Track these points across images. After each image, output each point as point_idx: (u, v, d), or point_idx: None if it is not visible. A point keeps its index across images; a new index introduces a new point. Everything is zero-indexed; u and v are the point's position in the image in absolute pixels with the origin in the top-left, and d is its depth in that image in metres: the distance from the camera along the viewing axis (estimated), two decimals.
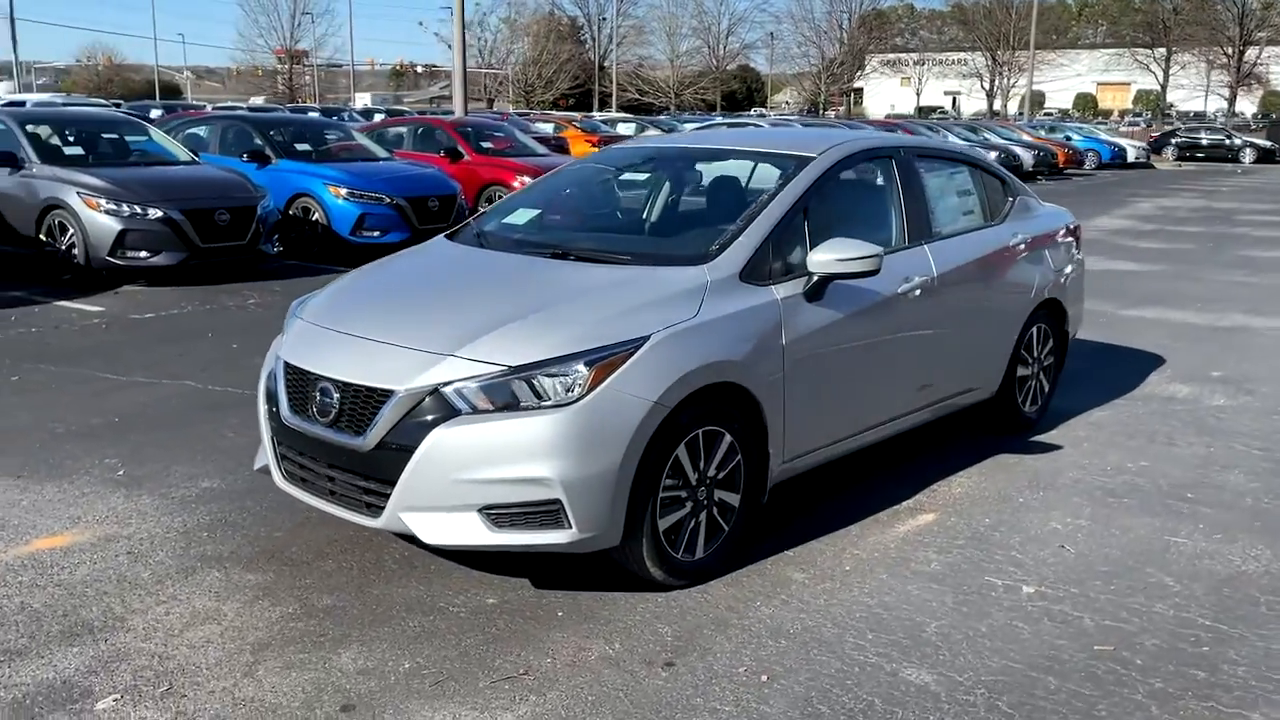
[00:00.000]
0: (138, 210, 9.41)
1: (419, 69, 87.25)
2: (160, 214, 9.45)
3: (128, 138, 11.02)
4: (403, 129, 15.13)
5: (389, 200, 11.35)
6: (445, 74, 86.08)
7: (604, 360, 3.46)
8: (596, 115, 39.70)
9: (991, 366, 5.35)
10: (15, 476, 4.78)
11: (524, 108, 60.85)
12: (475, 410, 3.41)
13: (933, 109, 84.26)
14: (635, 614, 3.60)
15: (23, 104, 25.53)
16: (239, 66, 75.47)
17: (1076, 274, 6.08)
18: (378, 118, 25.24)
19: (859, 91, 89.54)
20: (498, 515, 3.42)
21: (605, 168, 5.27)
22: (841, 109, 76.49)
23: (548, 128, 24.09)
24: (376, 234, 11.20)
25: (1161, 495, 4.85)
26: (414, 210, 11.50)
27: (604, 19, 66.51)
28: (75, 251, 9.49)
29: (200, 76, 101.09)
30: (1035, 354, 5.72)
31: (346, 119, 26.01)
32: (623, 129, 23.44)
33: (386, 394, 3.49)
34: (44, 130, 10.38)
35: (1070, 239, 6.08)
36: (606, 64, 74.86)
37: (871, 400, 4.56)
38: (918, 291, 4.66)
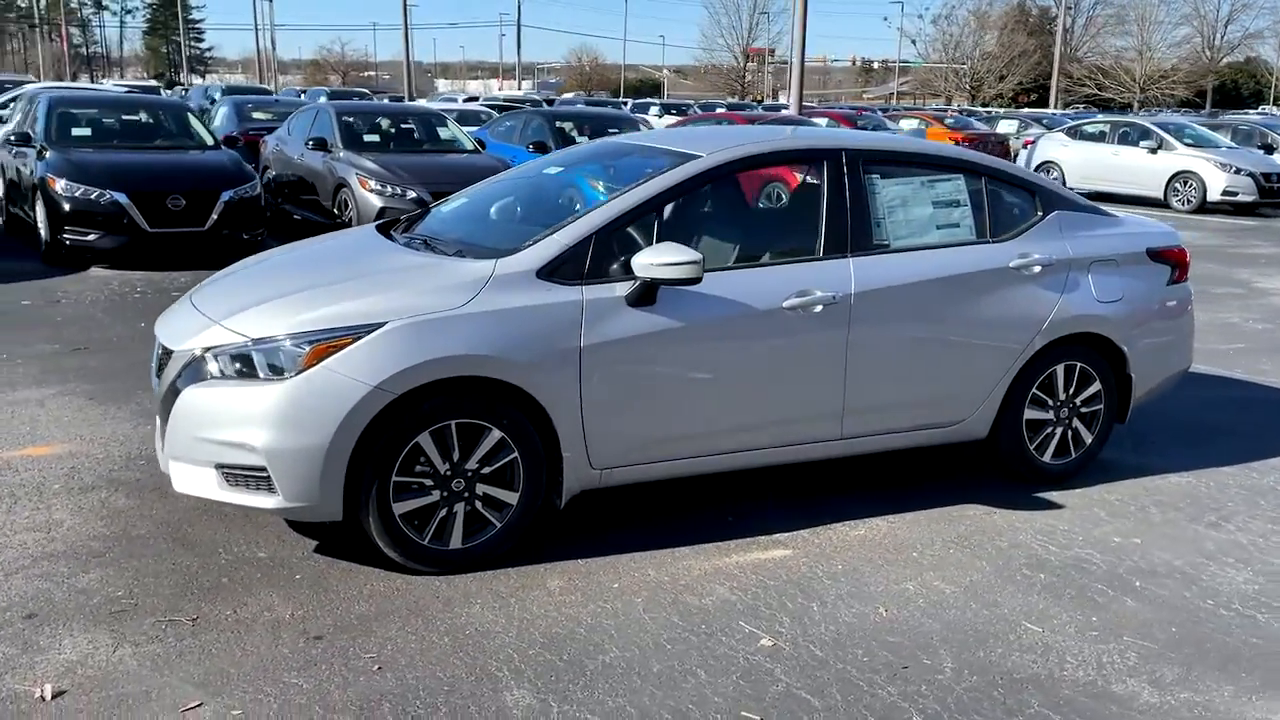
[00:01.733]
0: (397, 191, 10.66)
1: (874, 64, 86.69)
2: (414, 195, 10.62)
3: (423, 129, 12.44)
4: (700, 125, 15.53)
5: None
6: (907, 70, 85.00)
7: (327, 341, 3.63)
8: (1031, 111, 37.36)
9: (970, 402, 4.69)
10: (89, 398, 5.84)
11: (970, 104, 58.52)
12: (222, 376, 3.74)
13: None
14: (358, 588, 3.74)
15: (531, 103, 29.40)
16: (703, 65, 79.74)
17: (1158, 308, 5.09)
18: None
19: None
20: (228, 474, 3.73)
21: (544, 164, 5.31)
22: None
23: (912, 124, 23.22)
24: None
25: (1099, 579, 4.02)
26: None
27: (1069, 8, 61.79)
28: (352, 224, 10.94)
29: (685, 75, 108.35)
30: (1061, 396, 4.90)
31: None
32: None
33: (170, 353, 3.93)
34: (354, 120, 12.03)
35: (1152, 265, 5.09)
36: (1080, 55, 69.76)
37: (741, 420, 4.25)
38: (819, 308, 4.25)
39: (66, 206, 9.61)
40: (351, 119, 12.06)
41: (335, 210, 11.30)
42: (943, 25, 74.36)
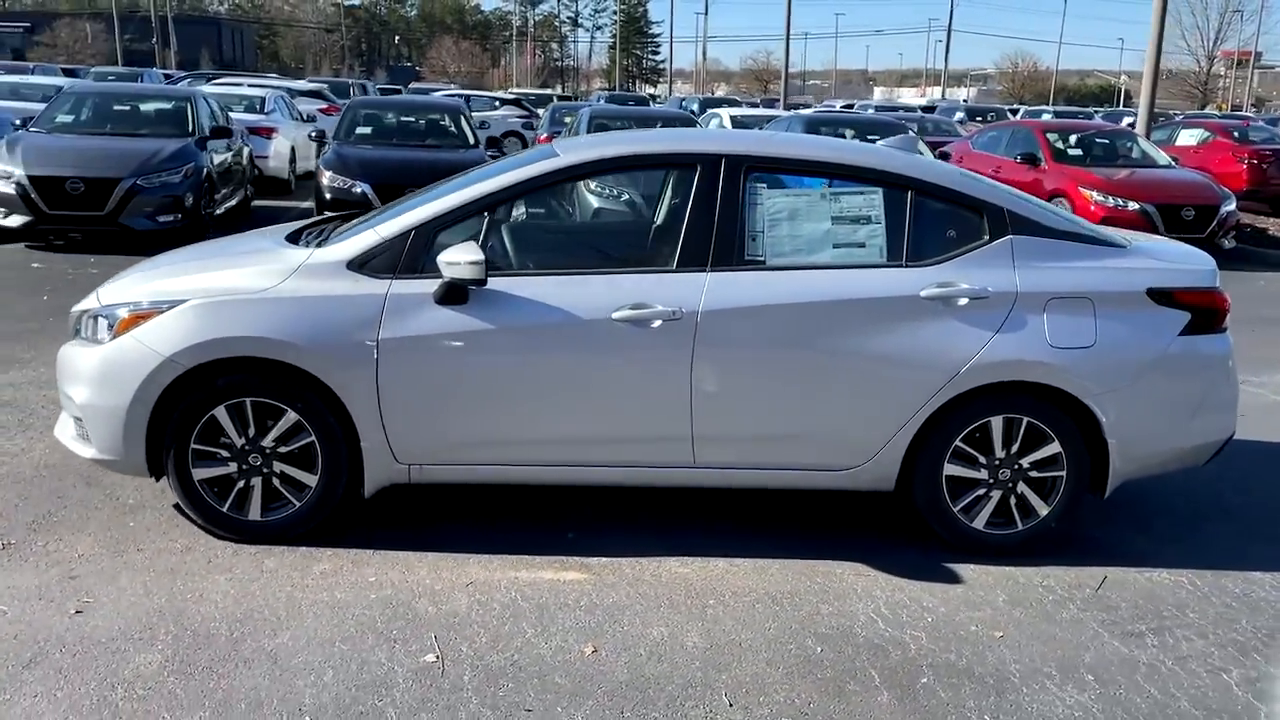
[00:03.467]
0: None
1: None
2: None
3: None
4: (1002, 132, 14.28)
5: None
6: None
7: (138, 313, 3.98)
8: None
9: (864, 447, 4.11)
10: None
11: None
12: (81, 336, 4.21)
13: None
14: (160, 543, 4.06)
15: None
16: (1162, 71, 72.43)
17: (1159, 361, 4.13)
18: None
19: None
20: (76, 423, 4.20)
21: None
22: None
23: None
24: None
25: (823, 665, 3.40)
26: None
27: None
28: None
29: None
30: (999, 454, 4.14)
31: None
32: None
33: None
34: (602, 125, 12.53)
35: (1155, 309, 4.14)
36: None
37: (568, 432, 4.05)
38: (657, 323, 3.96)
39: (327, 195, 10.95)
40: (603, 123, 12.57)
41: None
42: None
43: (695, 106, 28.51)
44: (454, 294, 3.92)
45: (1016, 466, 4.17)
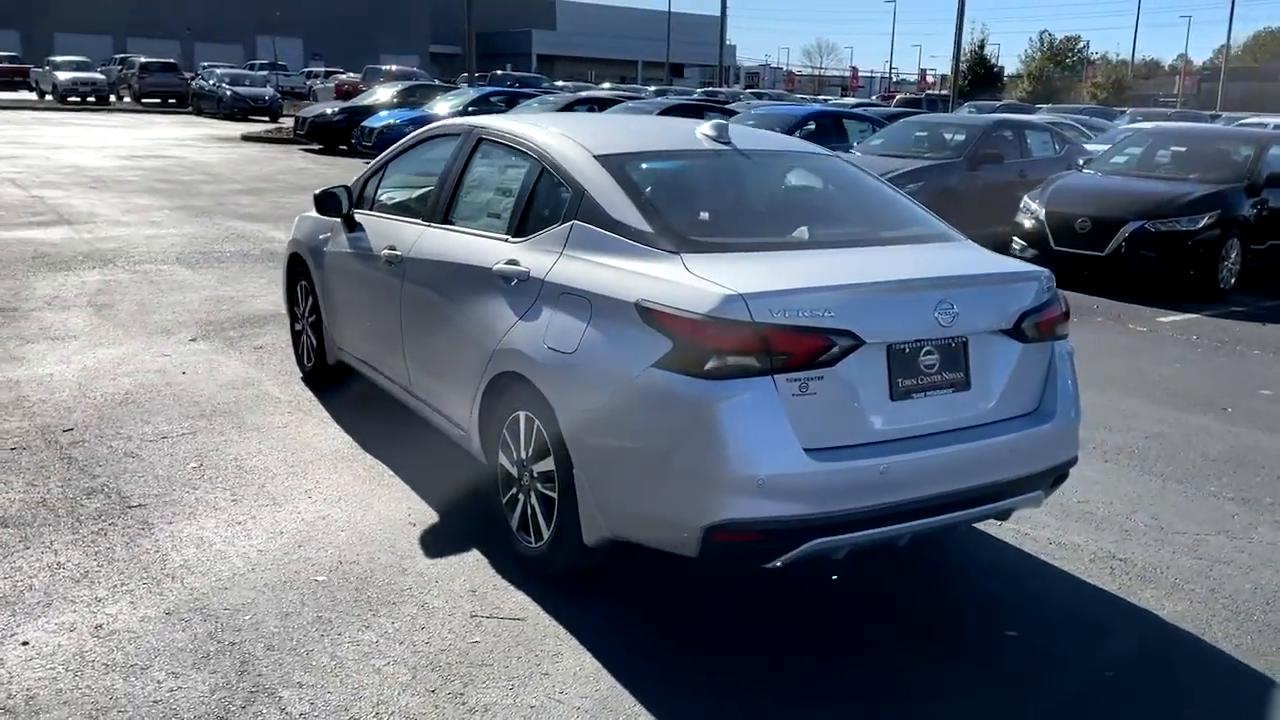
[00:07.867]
0: None
1: None
2: None
3: None
4: None
5: None
6: None
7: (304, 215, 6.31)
8: None
9: (461, 411, 4.21)
10: None
11: None
12: None
13: None
14: (253, 359, 6.42)
15: None
16: None
17: (625, 395, 3.31)
18: None
19: None
20: None
21: None
22: None
23: None
24: None
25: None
26: None
27: None
28: None
29: None
30: (521, 454, 3.83)
31: None
32: None
33: None
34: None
35: (641, 329, 3.27)
36: None
37: (390, 348, 4.86)
38: (392, 263, 4.78)
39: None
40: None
41: None
42: None
43: None
44: (346, 223, 5.33)
45: (530, 473, 3.78)
